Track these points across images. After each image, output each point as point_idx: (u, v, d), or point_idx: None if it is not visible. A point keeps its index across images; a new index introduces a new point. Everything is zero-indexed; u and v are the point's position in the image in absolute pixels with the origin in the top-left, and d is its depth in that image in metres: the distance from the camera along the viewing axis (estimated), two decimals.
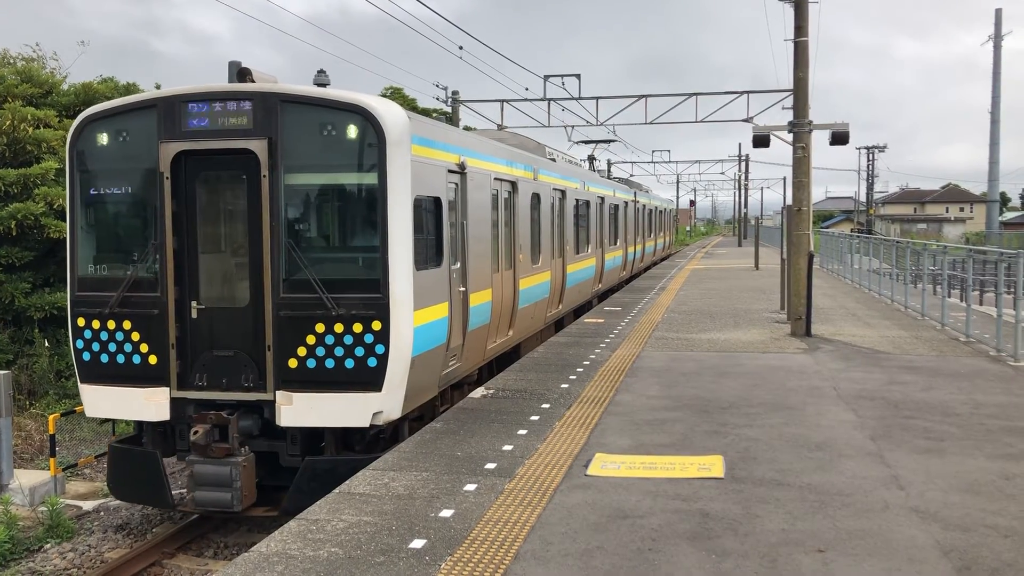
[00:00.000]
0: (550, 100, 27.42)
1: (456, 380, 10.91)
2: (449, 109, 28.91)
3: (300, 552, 5.70)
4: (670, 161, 65.10)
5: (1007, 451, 7.93)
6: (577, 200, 19.37)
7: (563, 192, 17.62)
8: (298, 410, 8.63)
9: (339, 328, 8.57)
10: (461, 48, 21.78)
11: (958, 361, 12.91)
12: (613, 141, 33.36)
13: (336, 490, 7.03)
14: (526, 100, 27.38)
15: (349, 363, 8.59)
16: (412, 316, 8.84)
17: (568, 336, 15.66)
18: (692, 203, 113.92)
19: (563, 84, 26.91)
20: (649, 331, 16.14)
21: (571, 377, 11.60)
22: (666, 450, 8.04)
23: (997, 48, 72.52)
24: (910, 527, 6.05)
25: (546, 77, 26.93)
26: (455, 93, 28.73)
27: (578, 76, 27.09)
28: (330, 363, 8.60)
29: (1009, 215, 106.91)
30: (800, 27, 15.95)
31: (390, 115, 8.80)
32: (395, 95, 51.90)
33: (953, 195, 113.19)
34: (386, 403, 8.64)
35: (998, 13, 72.50)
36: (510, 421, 9.15)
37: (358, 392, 8.56)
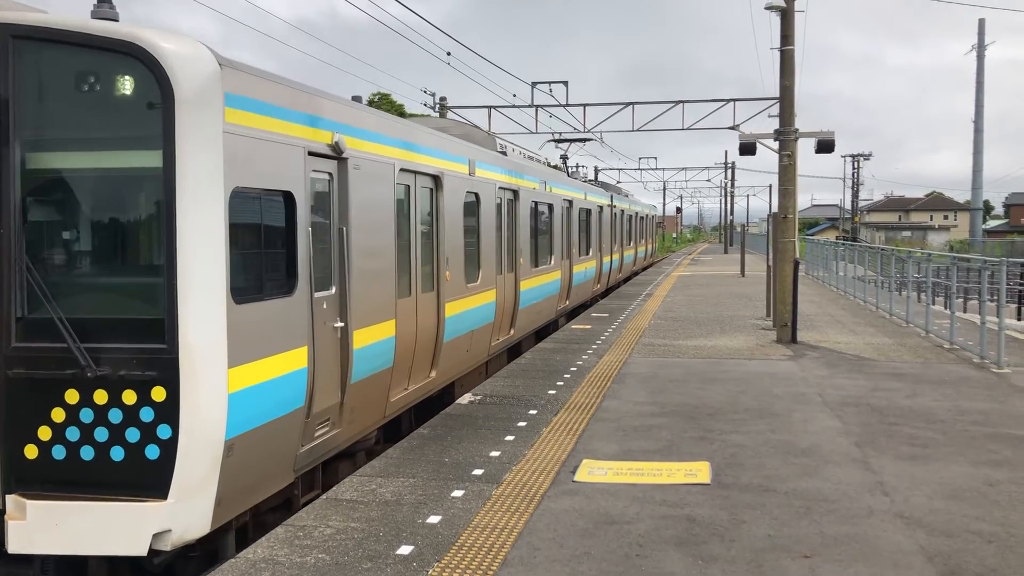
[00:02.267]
0: (538, 107, 27.48)
1: (335, 451, 7.88)
2: (436, 115, 28.91)
3: (287, 558, 5.69)
4: (657, 168, 65.39)
5: (990, 457, 8.00)
6: (535, 203, 16.44)
7: (515, 192, 14.73)
8: (35, 527, 5.63)
9: (101, 398, 5.68)
10: (449, 54, 21.82)
11: (942, 368, 13.00)
12: (589, 140, 30.40)
13: (323, 496, 7.01)
14: (514, 107, 27.44)
15: (117, 453, 5.68)
16: (225, 376, 5.86)
17: (555, 342, 15.68)
18: (679, 210, 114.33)
19: (551, 91, 26.99)
20: (636, 337, 16.18)
21: (558, 383, 11.61)
22: (653, 456, 8.07)
23: (980, 57, 73.19)
24: (895, 533, 6.09)
25: (534, 84, 27.00)
26: (443, 99, 28.75)
27: (565, 83, 27.18)
28: (88, 452, 5.71)
29: (992, 223, 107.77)
30: (786, 36, 16.06)
31: (183, 58, 5.71)
32: (383, 100, 51.82)
33: (937, 203, 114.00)
34: (177, 517, 5.67)
35: (981, 23, 73.18)
36: (497, 427, 9.16)
37: (130, 500, 5.63)
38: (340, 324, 7.67)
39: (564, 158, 29.12)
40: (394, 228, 8.92)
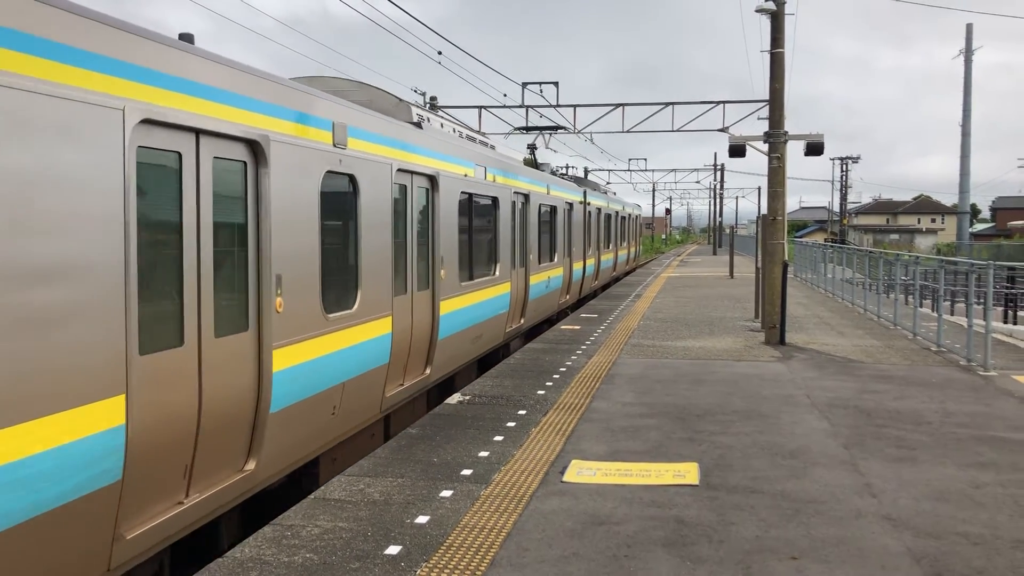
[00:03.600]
0: (528, 107, 27.48)
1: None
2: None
3: (275, 558, 5.66)
4: (646, 169, 65.55)
5: (977, 460, 8.04)
6: (470, 195, 12.87)
7: (432, 179, 11.01)
8: None
9: None
10: (440, 53, 21.79)
11: (929, 370, 13.06)
12: (561, 129, 27.40)
13: (311, 495, 6.99)
14: (504, 107, 27.43)
15: None
16: None
17: (544, 343, 15.68)
18: (668, 211, 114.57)
19: (541, 91, 27.00)
20: (625, 338, 16.19)
21: (547, 384, 11.61)
22: (642, 457, 8.07)
23: (968, 62, 73.63)
24: (883, 535, 6.11)
25: (524, 84, 27.01)
26: (433, 99, 28.71)
27: (556, 84, 27.21)
28: None
29: (979, 227, 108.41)
30: (776, 39, 16.11)
31: None
32: None
33: (925, 206, 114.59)
34: None
35: (969, 28, 73.63)
36: (486, 427, 9.15)
37: None
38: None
39: (532, 148, 26.32)
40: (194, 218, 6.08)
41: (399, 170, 9.74)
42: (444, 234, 11.32)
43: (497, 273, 14.50)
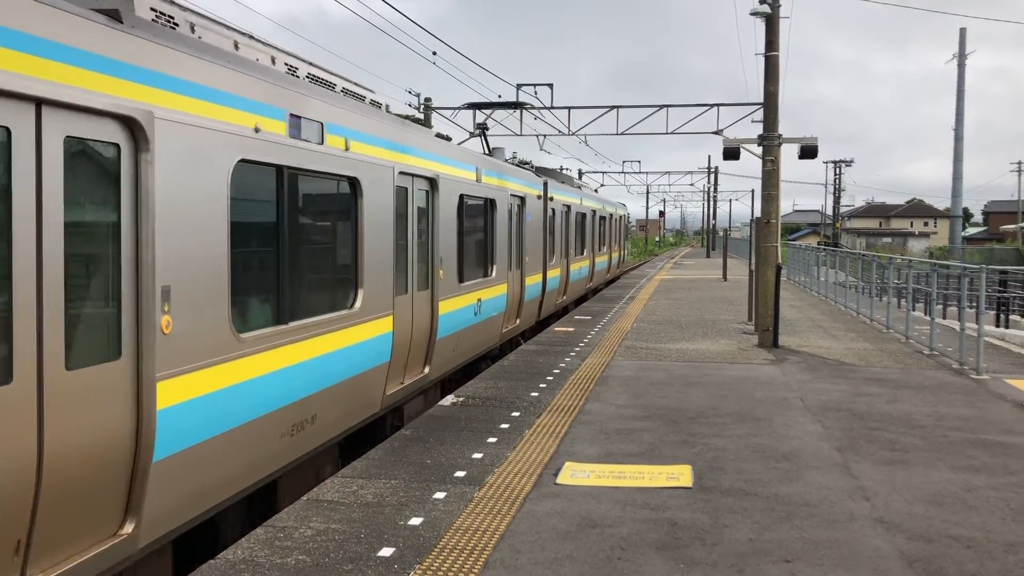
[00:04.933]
0: (523, 108, 27.46)
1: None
2: (422, 115, 28.87)
3: (267, 559, 5.65)
4: (640, 172, 65.58)
5: (969, 463, 8.05)
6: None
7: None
8: None
9: None
10: (435, 54, 21.77)
11: (922, 374, 13.09)
12: (524, 106, 22.88)
13: (304, 497, 6.97)
14: (499, 108, 27.38)
15: None
16: None
17: (538, 344, 15.67)
18: (662, 214, 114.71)
19: (535, 93, 27.00)
20: (619, 340, 16.20)
21: (541, 385, 11.61)
22: (635, 459, 8.07)
23: (961, 66, 73.92)
24: (875, 538, 6.12)
25: (519, 86, 27.00)
26: (427, 100, 28.71)
27: (550, 86, 27.20)
28: None
29: (971, 230, 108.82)
30: (771, 42, 16.14)
31: None
32: None
33: (918, 210, 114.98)
34: None
35: (962, 32, 73.95)
36: (480, 429, 9.14)
37: None
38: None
39: (482, 128, 20.74)
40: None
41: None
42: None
43: (356, 306, 8.65)
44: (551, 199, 20.61)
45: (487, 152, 19.55)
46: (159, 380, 5.53)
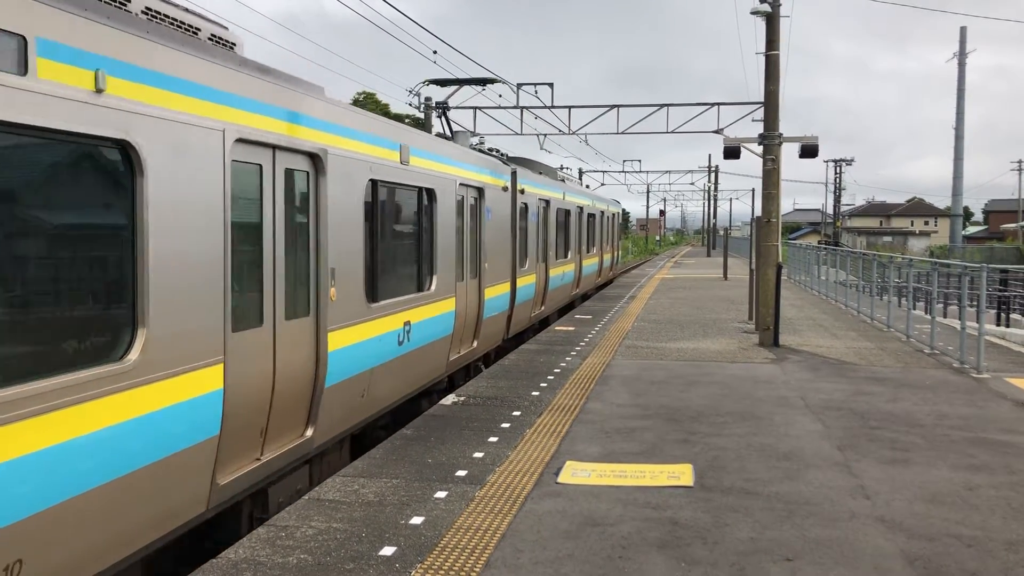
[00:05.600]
0: (523, 108, 27.47)
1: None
2: (422, 115, 28.89)
3: (269, 559, 5.65)
4: (640, 171, 65.53)
5: (970, 462, 8.06)
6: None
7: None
8: None
9: None
10: (435, 53, 21.76)
11: (923, 373, 13.09)
12: (492, 82, 19.10)
13: (306, 496, 6.98)
14: (499, 108, 27.42)
15: None
16: None
17: (539, 344, 15.68)
18: (662, 213, 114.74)
19: (536, 92, 26.99)
20: (619, 340, 16.20)
21: (542, 385, 11.61)
22: (636, 458, 8.08)
23: (961, 65, 73.92)
24: (876, 536, 6.13)
25: (519, 85, 26.98)
26: (428, 99, 28.71)
27: (551, 85, 27.17)
28: None
29: (972, 229, 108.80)
30: (771, 41, 16.14)
31: None
32: (367, 99, 51.64)
33: (918, 209, 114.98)
34: None
35: (962, 31, 73.95)
36: (481, 428, 9.15)
37: None
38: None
39: (442, 107, 18.05)
40: None
41: None
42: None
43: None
44: (522, 192, 16.77)
45: (448, 136, 15.70)
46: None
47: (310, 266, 7.87)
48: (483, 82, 18.82)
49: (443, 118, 17.70)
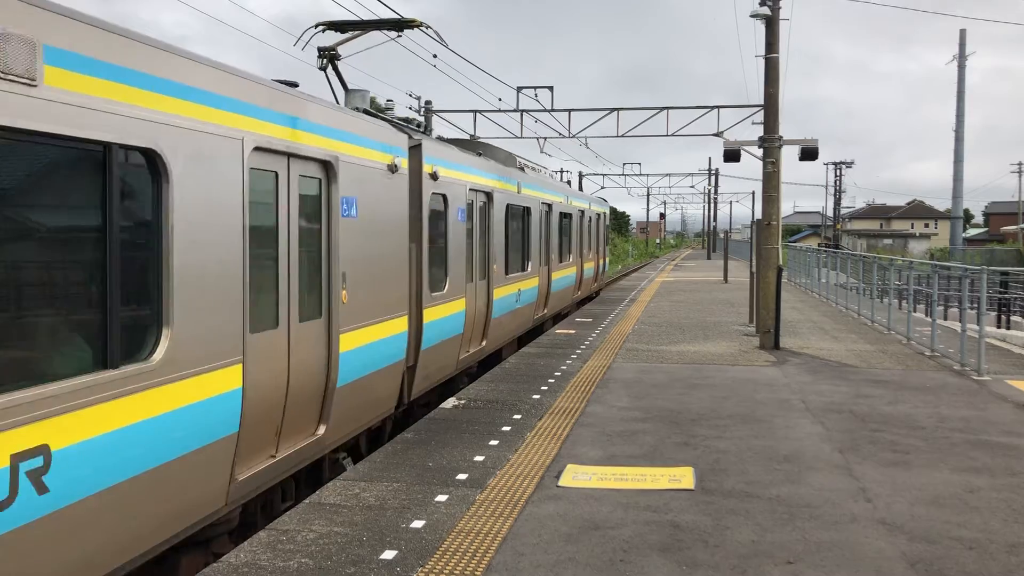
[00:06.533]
0: (523, 111, 27.48)
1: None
2: (422, 118, 28.90)
3: (270, 563, 5.65)
4: (641, 174, 65.49)
5: (971, 464, 8.05)
6: None
7: None
8: None
9: None
10: (435, 56, 21.78)
11: (923, 375, 13.09)
12: (406, 26, 13.01)
13: (306, 500, 6.98)
14: (499, 111, 27.43)
15: None
16: None
17: (539, 347, 15.67)
18: (662, 216, 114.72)
19: (536, 96, 27.01)
20: (620, 343, 16.20)
21: (542, 388, 11.61)
22: (637, 461, 8.08)
23: (961, 67, 73.96)
24: (877, 539, 6.12)
25: (519, 89, 27.00)
26: (428, 103, 28.73)
27: (551, 88, 27.19)
28: None
29: (972, 231, 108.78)
30: (771, 44, 16.16)
31: None
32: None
33: (918, 211, 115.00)
34: None
35: (962, 33, 74.01)
36: (481, 432, 9.14)
37: None
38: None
39: (330, 56, 11.76)
40: None
41: None
42: None
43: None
44: (434, 176, 11.04)
45: (341, 97, 11.13)
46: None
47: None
48: (397, 25, 13.31)
49: (328, 71, 11.58)
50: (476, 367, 14.11)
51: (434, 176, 11.21)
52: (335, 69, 11.79)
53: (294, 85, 7.81)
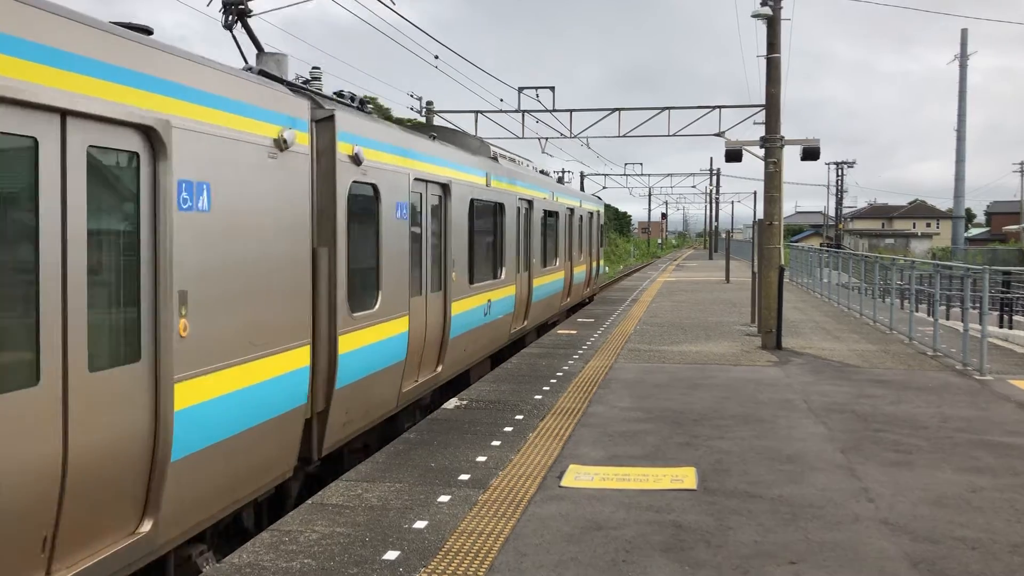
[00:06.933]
0: (524, 112, 27.51)
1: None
2: (424, 119, 28.91)
3: (272, 563, 5.65)
4: (642, 174, 65.53)
5: (974, 464, 8.05)
6: None
7: None
8: None
9: None
10: (437, 57, 21.80)
11: (925, 375, 13.08)
12: None
13: (309, 501, 6.98)
14: (501, 112, 27.45)
15: None
16: None
17: (541, 347, 15.68)
18: (664, 216, 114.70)
19: (537, 96, 27.03)
20: (621, 343, 16.20)
21: (544, 388, 11.61)
22: (639, 462, 8.08)
23: (963, 67, 73.94)
24: (880, 539, 6.12)
25: (520, 89, 27.04)
26: (430, 103, 28.76)
27: (552, 88, 27.23)
28: None
29: (974, 231, 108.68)
30: (772, 44, 16.15)
31: None
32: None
33: (920, 211, 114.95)
34: None
35: (963, 33, 74.01)
36: (484, 432, 9.15)
37: None
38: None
39: (238, 11, 9.08)
40: None
41: None
42: None
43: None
44: (356, 160, 8.45)
45: (253, 63, 8.67)
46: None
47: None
48: None
49: (234, 29, 9.13)
50: (430, 397, 11.63)
51: (356, 159, 8.45)
52: (245, 26, 9.35)
53: (148, 32, 5.62)
